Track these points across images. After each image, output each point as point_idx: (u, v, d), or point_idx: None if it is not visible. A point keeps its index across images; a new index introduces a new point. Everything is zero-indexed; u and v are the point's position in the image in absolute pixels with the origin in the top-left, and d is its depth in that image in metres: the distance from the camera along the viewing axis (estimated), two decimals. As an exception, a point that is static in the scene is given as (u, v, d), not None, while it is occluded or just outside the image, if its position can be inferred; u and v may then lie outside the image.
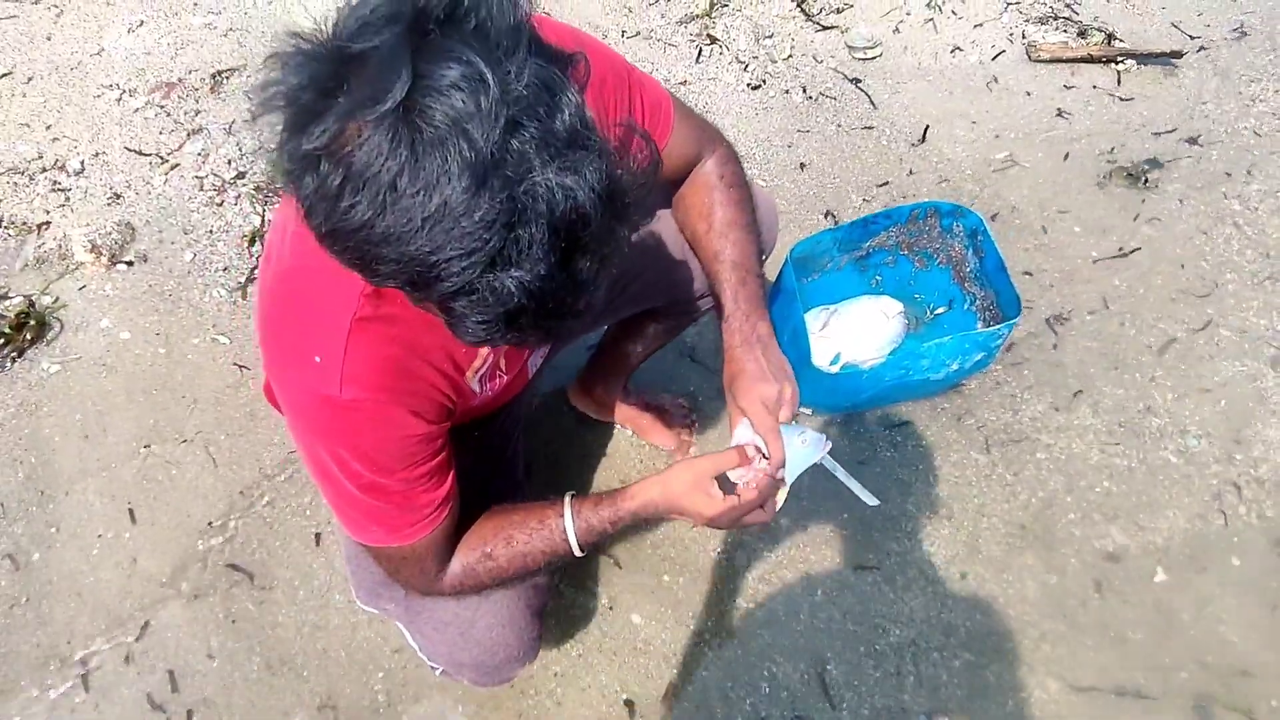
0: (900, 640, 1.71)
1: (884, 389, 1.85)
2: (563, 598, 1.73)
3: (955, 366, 1.81)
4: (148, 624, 1.67)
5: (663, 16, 2.77)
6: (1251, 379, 2.07)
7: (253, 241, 2.19)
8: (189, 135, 2.38)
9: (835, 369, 1.88)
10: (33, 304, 2.04)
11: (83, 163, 2.30)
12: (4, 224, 2.18)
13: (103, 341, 2.02)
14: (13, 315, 2.00)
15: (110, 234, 2.17)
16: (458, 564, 1.05)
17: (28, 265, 2.12)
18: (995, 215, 2.35)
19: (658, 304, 1.52)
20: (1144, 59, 2.71)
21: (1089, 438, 1.97)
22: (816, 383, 1.81)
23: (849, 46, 2.73)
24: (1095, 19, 2.85)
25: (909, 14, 2.84)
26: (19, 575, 1.72)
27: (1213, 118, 2.59)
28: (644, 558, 1.79)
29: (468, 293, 0.63)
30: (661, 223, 1.31)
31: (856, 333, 1.92)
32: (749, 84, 2.62)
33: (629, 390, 1.89)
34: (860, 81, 2.64)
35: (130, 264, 2.14)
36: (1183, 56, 2.71)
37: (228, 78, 2.50)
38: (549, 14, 2.65)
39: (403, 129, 0.58)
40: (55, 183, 2.26)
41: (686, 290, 1.46)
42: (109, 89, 2.45)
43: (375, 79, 0.58)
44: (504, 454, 1.43)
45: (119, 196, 2.25)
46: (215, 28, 2.62)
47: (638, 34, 2.72)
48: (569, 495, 1.07)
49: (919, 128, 2.54)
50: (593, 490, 1.89)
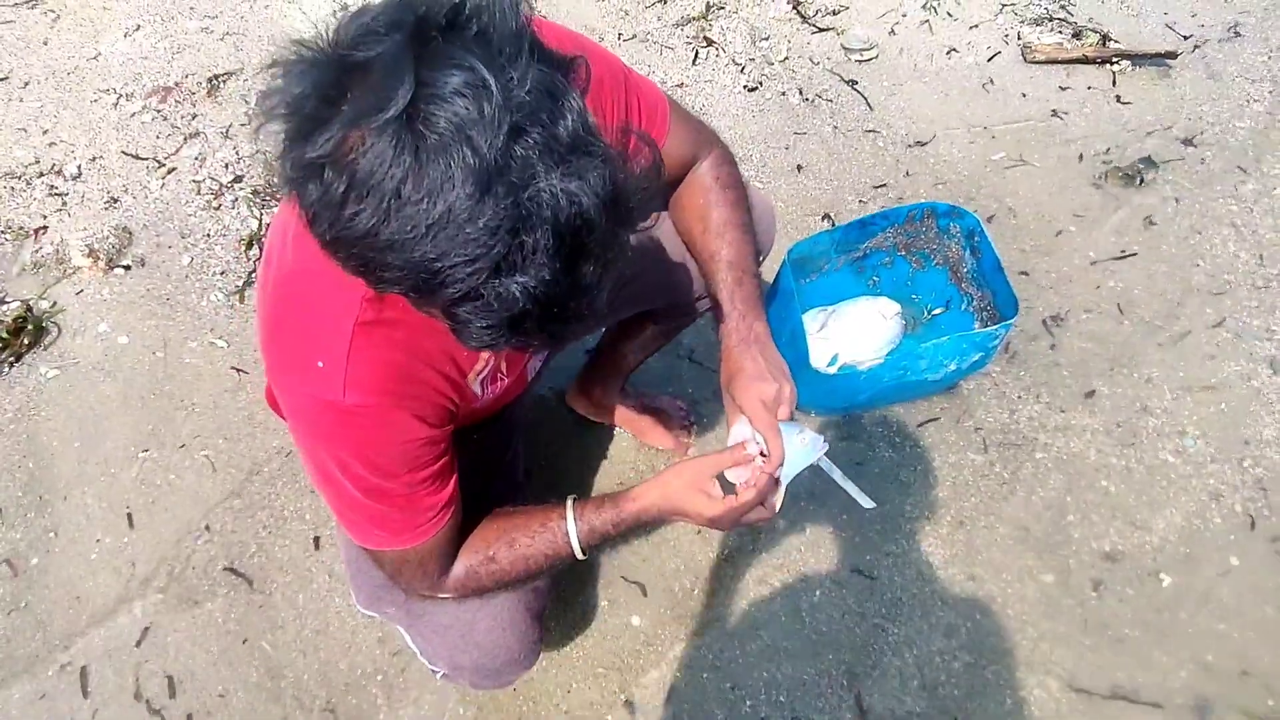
0: (899, 641, 1.71)
1: (882, 390, 1.86)
2: (563, 600, 1.73)
3: (953, 367, 1.81)
4: (147, 629, 1.67)
5: (659, 19, 2.78)
6: (1248, 378, 2.08)
7: (250, 245, 2.19)
8: (186, 139, 2.38)
9: (833, 370, 1.89)
10: (30, 309, 2.04)
11: (80, 167, 2.30)
12: (1, 229, 2.17)
13: (100, 346, 2.01)
14: (10, 320, 1.99)
15: (107, 238, 2.16)
16: (460, 567, 1.05)
17: (25, 270, 2.12)
18: (992, 216, 2.35)
19: (656, 305, 1.52)
20: (1139, 60, 2.72)
21: (1087, 438, 1.98)
22: (815, 384, 1.81)
23: (845, 48, 2.73)
24: (1090, 20, 2.86)
25: (905, 16, 2.85)
26: (17, 580, 1.72)
27: (1207, 118, 2.60)
28: (643, 560, 1.79)
29: (472, 299, 0.63)
30: (659, 225, 1.32)
31: (854, 334, 1.93)
32: (746, 86, 2.62)
33: (627, 392, 1.90)
34: (857, 83, 2.64)
35: (127, 268, 2.13)
36: (1177, 57, 2.73)
37: (224, 82, 2.50)
38: (545, 17, 2.66)
39: (406, 136, 0.58)
40: (52, 187, 2.26)
41: (685, 292, 1.46)
42: (106, 93, 2.45)
43: (378, 87, 0.58)
44: (503, 456, 1.43)
45: (116, 201, 2.24)
46: (212, 32, 2.62)
47: (634, 37, 2.72)
48: (571, 498, 1.07)
49: (915, 129, 2.55)
50: (593, 492, 1.89)
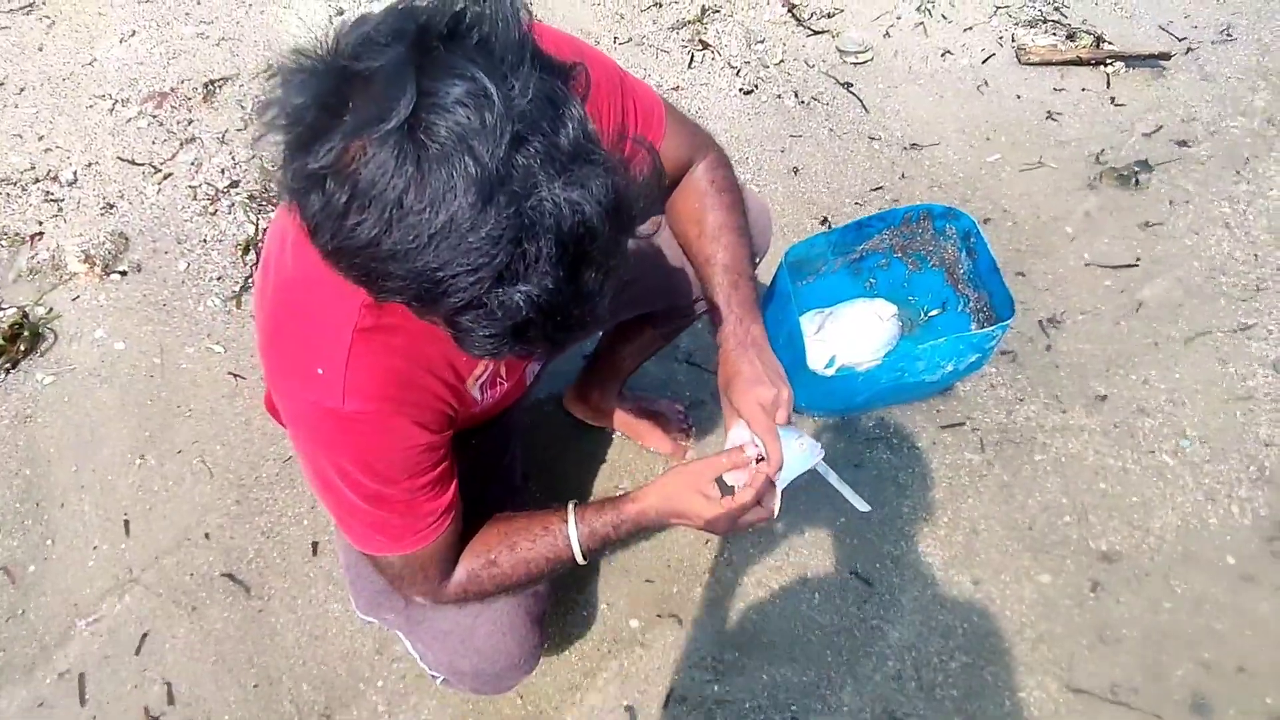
0: (898, 642, 1.72)
1: (879, 391, 1.86)
2: (562, 604, 1.73)
3: (950, 368, 1.82)
4: (144, 636, 1.67)
5: (655, 23, 2.78)
6: (1243, 378, 2.09)
7: (247, 250, 2.18)
8: (182, 144, 2.37)
9: (831, 372, 1.89)
10: (26, 315, 2.03)
11: (75, 173, 2.29)
12: (-4, 235, 2.17)
13: (97, 352, 2.01)
14: (6, 326, 1.99)
15: (104, 244, 2.16)
16: (462, 571, 1.05)
17: (21, 276, 2.11)
18: (988, 218, 2.36)
19: (655, 308, 1.53)
20: (1132, 61, 2.73)
21: (1084, 438, 1.99)
22: (812, 386, 1.82)
23: (840, 51, 2.74)
24: (1084, 22, 2.87)
25: (899, 18, 2.86)
26: (14, 588, 1.71)
27: (1201, 119, 2.61)
28: (642, 563, 1.79)
29: (475, 308, 0.63)
30: (659, 226, 1.32)
31: (851, 335, 1.93)
32: (741, 89, 2.63)
33: (625, 395, 1.90)
34: (852, 86, 2.65)
35: (124, 274, 2.13)
36: (1170, 58, 2.74)
37: (220, 87, 2.50)
38: (541, 20, 2.66)
39: (408, 146, 0.58)
40: (48, 193, 2.25)
41: (683, 294, 1.46)
42: (101, 99, 2.45)
43: (380, 97, 0.58)
44: (501, 461, 1.44)
45: (112, 206, 2.24)
46: (207, 37, 2.61)
47: (630, 40, 2.73)
48: (572, 503, 1.08)
49: (911, 131, 2.55)
50: (591, 496, 1.89)
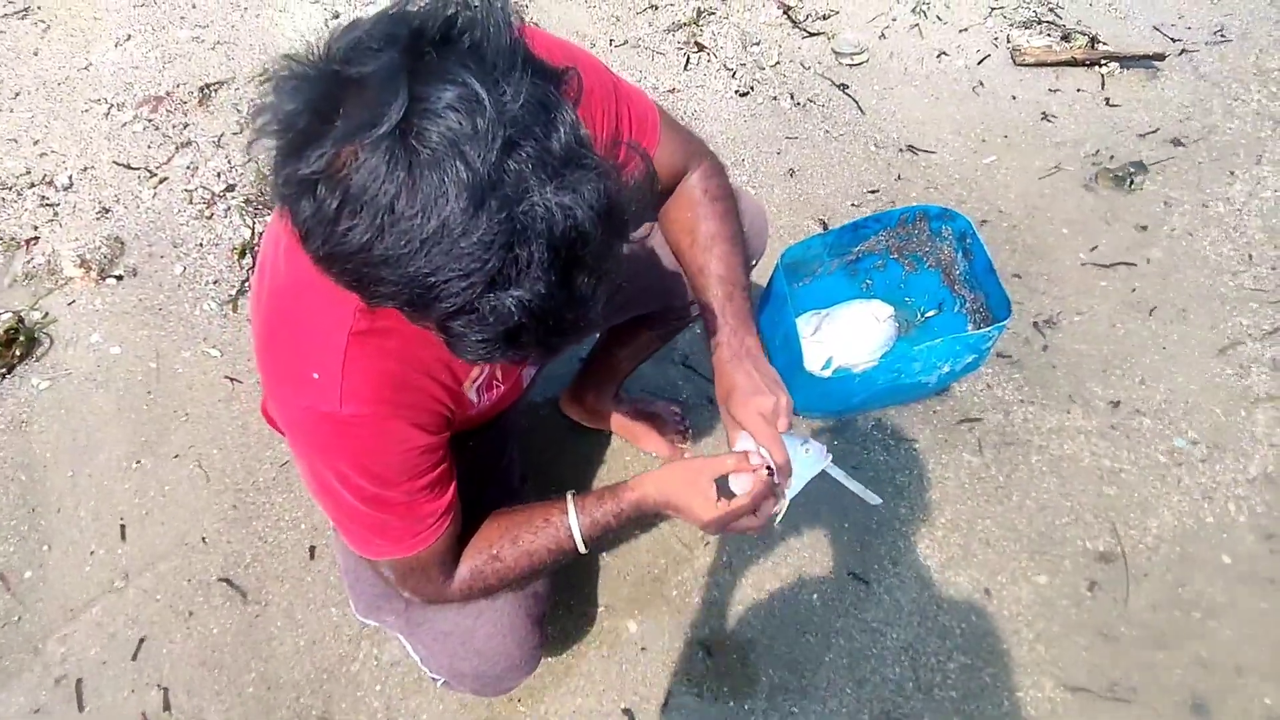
0: (896, 643, 1.72)
1: (876, 392, 1.86)
2: (561, 607, 1.73)
3: (946, 369, 1.82)
4: (142, 641, 1.66)
5: (650, 25, 2.79)
6: (1239, 378, 2.09)
7: (243, 254, 2.18)
8: (178, 149, 2.37)
9: (827, 373, 1.89)
10: (22, 320, 2.03)
11: (71, 177, 2.29)
12: (-9, 240, 2.17)
13: (93, 357, 2.01)
14: (1, 331, 1.98)
15: (99, 248, 2.16)
16: (465, 568, 1.06)
17: (16, 281, 2.11)
18: (984, 219, 2.36)
19: (650, 310, 1.53)
20: (1127, 62, 2.74)
21: (1080, 439, 1.99)
22: (809, 387, 1.82)
23: (835, 52, 2.75)
24: (1078, 22, 2.88)
25: (895, 20, 2.86)
26: (10, 594, 1.71)
27: (1196, 119, 2.62)
28: (641, 565, 1.79)
29: (467, 313, 0.63)
30: (652, 230, 1.32)
31: (848, 337, 1.93)
32: (737, 91, 2.63)
33: (621, 398, 1.90)
34: (847, 87, 2.66)
35: (120, 278, 2.13)
36: (1165, 59, 2.75)
37: (216, 91, 2.50)
38: (537, 24, 2.66)
39: (400, 151, 0.58)
40: (43, 198, 2.25)
41: (678, 297, 1.46)
42: (97, 103, 2.45)
43: (372, 102, 0.58)
44: (498, 463, 1.44)
45: (108, 211, 2.24)
46: (203, 41, 2.61)
47: (625, 43, 2.73)
48: (570, 493, 1.08)
49: (907, 133, 2.56)
50: (588, 498, 1.88)
